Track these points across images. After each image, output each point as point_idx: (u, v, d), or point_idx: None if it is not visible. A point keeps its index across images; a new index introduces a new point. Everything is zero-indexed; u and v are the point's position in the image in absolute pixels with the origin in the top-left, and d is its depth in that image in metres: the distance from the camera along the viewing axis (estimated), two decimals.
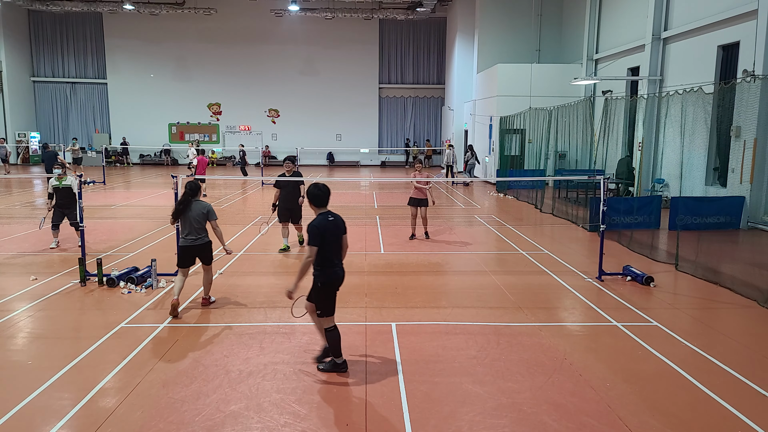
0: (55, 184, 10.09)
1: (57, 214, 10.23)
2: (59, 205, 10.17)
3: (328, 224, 5.11)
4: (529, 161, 20.83)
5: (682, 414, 4.48)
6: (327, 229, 5.08)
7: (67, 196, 10.12)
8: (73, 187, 10.11)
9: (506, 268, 9.34)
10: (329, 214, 5.19)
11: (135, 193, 19.32)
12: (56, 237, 10.36)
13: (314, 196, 5.17)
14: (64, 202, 10.13)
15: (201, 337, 6.03)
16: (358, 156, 34.53)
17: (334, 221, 5.17)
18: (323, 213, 5.18)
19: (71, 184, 10.12)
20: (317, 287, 5.19)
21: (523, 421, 4.36)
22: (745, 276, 8.43)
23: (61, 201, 10.14)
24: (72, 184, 10.13)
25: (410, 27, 33.86)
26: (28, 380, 4.98)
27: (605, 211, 8.37)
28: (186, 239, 6.87)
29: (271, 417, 4.41)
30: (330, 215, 5.18)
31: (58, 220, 10.26)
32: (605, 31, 20.74)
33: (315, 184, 5.24)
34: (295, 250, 10.37)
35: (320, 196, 5.18)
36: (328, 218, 5.13)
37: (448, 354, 5.64)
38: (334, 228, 5.14)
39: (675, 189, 13.65)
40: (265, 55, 33.50)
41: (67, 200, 10.11)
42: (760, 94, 11.63)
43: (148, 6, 29.77)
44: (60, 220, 10.27)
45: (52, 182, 10.14)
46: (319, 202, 5.18)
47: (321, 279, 5.14)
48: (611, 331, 6.35)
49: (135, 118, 33.59)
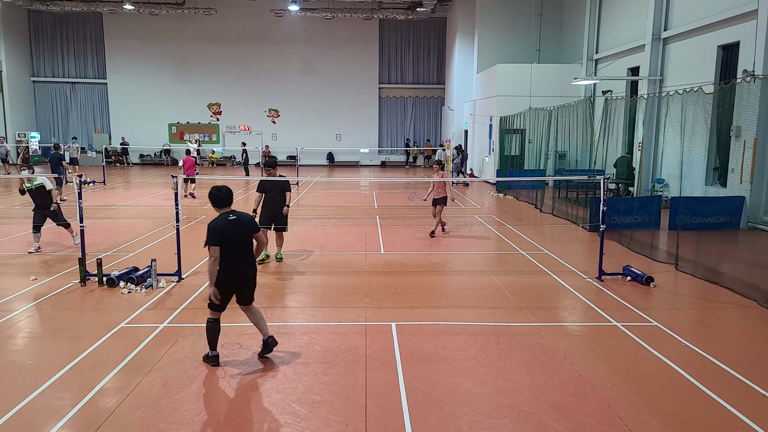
0: (28, 186, 9.87)
1: (37, 216, 9.98)
2: (38, 207, 9.95)
3: (228, 223, 5.16)
4: (529, 161, 20.82)
5: (682, 414, 4.48)
6: (226, 228, 5.12)
7: (41, 196, 9.92)
8: (45, 185, 9.93)
9: (506, 268, 9.34)
10: (231, 213, 5.28)
11: (135, 193, 19.32)
12: (37, 240, 10.00)
13: (215, 197, 5.30)
14: (41, 203, 9.93)
15: (201, 337, 6.03)
16: (358, 156, 34.52)
17: (236, 220, 5.22)
18: (224, 213, 5.27)
19: (42, 182, 9.91)
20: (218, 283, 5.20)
21: (523, 421, 4.36)
22: (745, 276, 8.43)
23: (38, 202, 9.94)
24: (44, 182, 9.93)
25: (410, 27, 33.85)
26: (28, 380, 4.98)
27: (605, 211, 8.37)
28: None
29: (271, 417, 4.41)
30: (231, 214, 5.26)
31: (39, 221, 9.97)
32: (605, 31, 20.74)
33: (216, 186, 5.38)
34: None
35: (221, 197, 5.30)
36: (228, 217, 5.20)
37: (448, 354, 5.64)
38: (234, 226, 5.18)
39: (675, 189, 13.65)
40: (265, 55, 33.49)
41: (42, 201, 9.93)
42: (760, 94, 11.63)
43: (148, 6, 29.76)
44: (41, 221, 9.99)
45: (26, 184, 9.93)
46: (219, 203, 5.31)
47: (220, 278, 5.17)
48: (611, 331, 6.35)
49: (135, 118, 33.58)
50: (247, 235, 5.33)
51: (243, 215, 5.33)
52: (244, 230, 5.28)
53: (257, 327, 5.57)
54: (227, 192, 5.35)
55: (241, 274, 5.29)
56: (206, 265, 7.03)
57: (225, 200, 5.33)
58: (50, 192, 9.98)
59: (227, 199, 5.34)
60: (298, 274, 8.80)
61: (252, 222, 5.42)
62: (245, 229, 5.29)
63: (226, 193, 5.34)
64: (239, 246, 5.21)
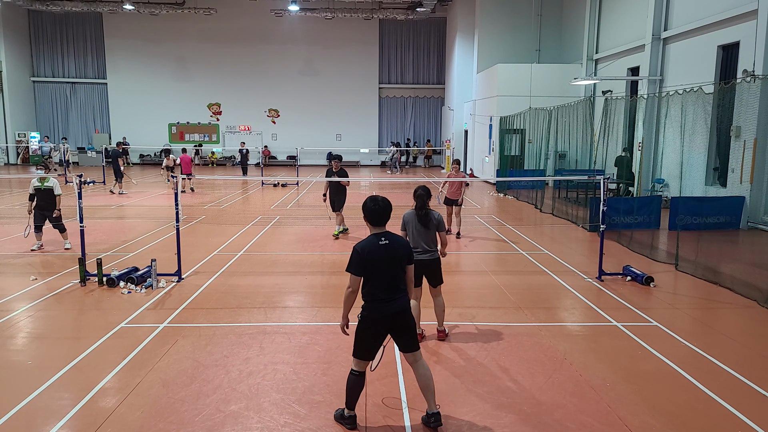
0: (37, 185, 9.93)
1: (38, 216, 10.07)
2: (39, 206, 10.01)
3: (378, 249, 4.07)
4: (529, 161, 20.83)
5: (682, 414, 4.47)
6: (374, 253, 4.05)
7: (47, 198, 9.98)
8: (55, 189, 9.99)
9: (506, 268, 9.34)
10: (384, 235, 4.14)
11: (135, 193, 19.31)
12: (39, 239, 10.20)
13: (370, 211, 4.19)
14: (45, 204, 9.99)
15: (201, 337, 6.03)
16: (358, 156, 34.52)
17: (387, 245, 4.10)
18: (375, 234, 4.17)
19: (53, 186, 9.99)
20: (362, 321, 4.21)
21: (523, 421, 4.36)
22: (745, 276, 8.43)
23: (41, 203, 9.99)
24: (54, 186, 9.99)
25: (410, 27, 33.85)
26: (28, 380, 4.98)
27: (605, 211, 8.37)
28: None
29: (271, 417, 4.41)
30: (384, 237, 4.13)
31: (39, 221, 10.10)
32: (605, 31, 20.74)
33: (372, 197, 4.25)
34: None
35: (377, 213, 4.17)
36: (380, 241, 4.11)
37: (448, 354, 5.64)
38: (383, 254, 4.08)
39: (675, 189, 13.65)
40: (265, 55, 33.50)
41: (47, 202, 9.99)
42: (760, 94, 11.63)
43: (148, 6, 29.76)
44: (41, 221, 10.12)
45: (34, 183, 9.97)
46: (375, 219, 4.18)
47: (364, 316, 4.18)
48: (611, 331, 6.34)
49: (135, 118, 33.58)
50: (400, 265, 4.16)
51: (397, 239, 4.20)
52: (395, 258, 4.12)
53: (423, 389, 4.27)
54: (385, 206, 4.17)
55: (388, 309, 4.10)
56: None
57: (382, 216, 4.16)
58: (57, 197, 10.03)
59: (385, 215, 4.17)
60: (298, 274, 8.80)
61: (407, 248, 4.24)
62: (397, 257, 4.13)
63: (384, 207, 4.17)
64: (386, 279, 4.09)
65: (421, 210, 5.78)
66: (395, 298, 4.12)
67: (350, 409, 4.26)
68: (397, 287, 4.15)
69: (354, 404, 4.26)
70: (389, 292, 4.09)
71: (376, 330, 4.13)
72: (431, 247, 5.87)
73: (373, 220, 4.19)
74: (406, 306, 4.20)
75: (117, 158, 18.95)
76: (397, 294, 4.14)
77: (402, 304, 4.16)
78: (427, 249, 5.84)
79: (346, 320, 4.23)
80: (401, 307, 4.15)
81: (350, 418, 4.25)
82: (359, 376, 4.19)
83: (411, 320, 4.25)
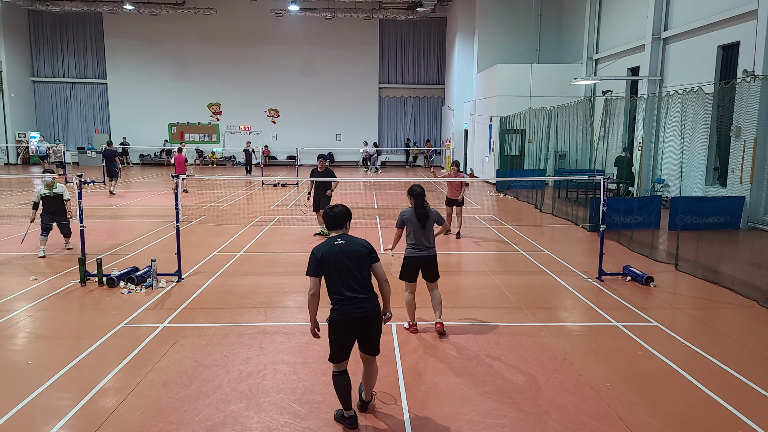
0: (45, 193, 9.69)
1: (46, 218, 9.82)
2: (51, 212, 9.82)
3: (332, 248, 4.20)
4: (529, 161, 20.82)
5: (682, 414, 4.48)
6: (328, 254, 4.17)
7: (57, 204, 9.84)
8: (64, 195, 9.87)
9: (506, 268, 9.34)
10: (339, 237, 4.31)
11: (135, 193, 19.32)
12: (43, 244, 9.71)
13: (326, 217, 4.43)
14: (56, 210, 9.85)
15: (201, 337, 6.03)
16: (358, 156, 34.52)
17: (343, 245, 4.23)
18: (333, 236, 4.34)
19: (62, 191, 9.84)
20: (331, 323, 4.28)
21: (523, 421, 4.36)
22: (745, 276, 8.43)
23: (53, 208, 9.82)
24: (63, 191, 9.84)
25: (410, 27, 33.84)
26: (28, 380, 4.98)
27: (605, 211, 8.37)
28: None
29: (271, 417, 4.41)
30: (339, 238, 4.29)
31: (48, 222, 9.79)
32: (605, 31, 20.74)
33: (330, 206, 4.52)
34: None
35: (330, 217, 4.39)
36: (335, 242, 4.25)
37: (448, 354, 5.64)
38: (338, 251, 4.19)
39: (675, 189, 13.65)
40: (265, 55, 33.49)
41: (58, 208, 9.86)
42: (760, 94, 11.63)
43: (148, 6, 29.76)
44: (50, 222, 9.84)
45: (40, 190, 9.70)
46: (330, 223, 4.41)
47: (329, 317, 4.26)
48: (611, 331, 6.35)
49: (135, 118, 33.57)
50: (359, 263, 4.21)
51: (355, 240, 4.31)
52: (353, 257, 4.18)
53: (364, 383, 4.50)
54: (340, 212, 4.38)
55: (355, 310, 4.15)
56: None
57: (338, 221, 4.35)
58: (67, 201, 9.98)
59: (341, 220, 4.35)
60: (298, 273, 8.80)
61: (366, 248, 4.28)
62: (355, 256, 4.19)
63: (339, 212, 4.37)
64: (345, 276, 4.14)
65: (419, 208, 6.05)
66: (360, 298, 4.17)
67: (347, 409, 4.29)
68: (363, 286, 4.20)
69: (349, 403, 4.28)
70: (352, 291, 4.15)
71: (344, 336, 4.22)
72: (430, 243, 6.16)
73: (329, 224, 4.42)
74: (375, 311, 4.26)
75: (111, 158, 19.17)
76: (364, 293, 4.19)
77: (370, 308, 4.22)
78: (426, 246, 6.14)
79: (315, 323, 4.29)
80: (370, 311, 4.21)
81: (350, 418, 4.28)
82: (341, 375, 4.25)
83: (378, 328, 4.34)
